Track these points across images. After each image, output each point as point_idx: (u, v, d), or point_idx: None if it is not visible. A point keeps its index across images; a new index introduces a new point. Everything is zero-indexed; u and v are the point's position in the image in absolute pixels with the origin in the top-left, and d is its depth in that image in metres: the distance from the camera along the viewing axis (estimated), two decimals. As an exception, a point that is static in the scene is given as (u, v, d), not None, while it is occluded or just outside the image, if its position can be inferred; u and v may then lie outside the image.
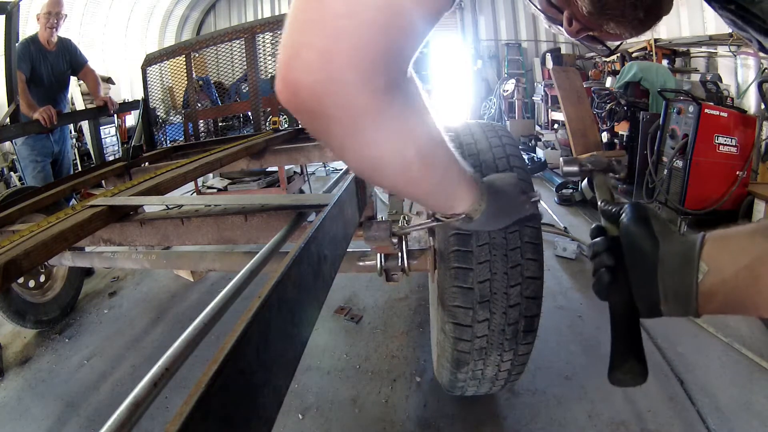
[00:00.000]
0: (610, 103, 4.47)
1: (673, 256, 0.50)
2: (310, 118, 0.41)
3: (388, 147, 0.45)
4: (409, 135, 0.46)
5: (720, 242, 0.48)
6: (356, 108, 0.39)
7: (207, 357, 0.40)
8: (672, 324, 2.11)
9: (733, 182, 3.14)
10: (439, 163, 0.52)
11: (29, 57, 2.89)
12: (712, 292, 0.47)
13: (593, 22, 0.58)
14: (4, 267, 0.91)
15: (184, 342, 0.59)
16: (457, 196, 0.59)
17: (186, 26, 9.10)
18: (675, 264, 0.49)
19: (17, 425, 1.75)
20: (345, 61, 0.37)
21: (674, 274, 0.49)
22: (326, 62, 0.37)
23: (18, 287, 2.29)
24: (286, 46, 0.39)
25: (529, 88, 8.05)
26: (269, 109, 3.01)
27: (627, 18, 0.55)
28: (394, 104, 0.42)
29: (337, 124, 0.41)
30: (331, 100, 0.38)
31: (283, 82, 0.39)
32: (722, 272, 0.46)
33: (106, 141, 5.25)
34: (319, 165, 5.97)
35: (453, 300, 1.16)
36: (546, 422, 1.59)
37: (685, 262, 0.49)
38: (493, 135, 1.32)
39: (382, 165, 0.47)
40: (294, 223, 1.11)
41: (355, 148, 0.44)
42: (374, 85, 0.39)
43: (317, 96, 0.38)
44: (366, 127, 0.42)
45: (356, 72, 0.37)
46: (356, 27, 0.36)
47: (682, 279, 0.49)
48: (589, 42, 0.65)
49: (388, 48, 0.39)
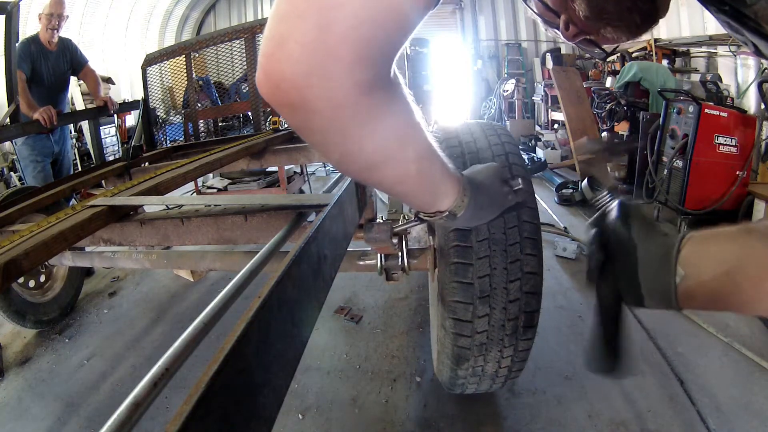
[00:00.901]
0: (610, 103, 4.48)
1: (652, 257, 0.52)
2: (292, 111, 0.40)
3: (371, 141, 0.44)
4: (392, 129, 0.45)
5: (700, 246, 0.50)
6: (339, 101, 0.39)
7: (207, 357, 0.40)
8: (672, 324, 2.11)
9: (733, 182, 3.14)
10: (422, 159, 0.51)
11: (30, 57, 2.89)
12: (691, 293, 0.49)
13: (590, 26, 0.58)
14: (4, 267, 0.91)
15: (184, 342, 0.58)
16: (440, 192, 0.57)
17: (186, 26, 9.10)
18: (654, 266, 0.52)
19: (17, 425, 1.75)
20: (329, 52, 0.36)
21: (653, 275, 0.52)
22: (310, 54, 0.36)
23: (18, 287, 2.29)
24: (269, 38, 0.38)
25: (529, 88, 8.05)
26: (269, 109, 3.01)
27: (624, 22, 0.56)
28: (377, 98, 0.41)
29: (319, 118, 0.40)
30: (313, 93, 0.38)
31: (264, 74, 0.38)
32: (701, 276, 0.48)
33: (106, 141, 5.25)
34: (319, 165, 5.98)
35: (453, 295, 1.16)
36: (546, 422, 1.59)
37: (662, 265, 0.51)
38: (492, 134, 1.33)
39: (363, 160, 0.46)
40: (294, 223, 1.11)
41: (337, 142, 0.43)
42: (358, 77, 0.38)
43: (299, 88, 0.37)
44: (348, 121, 0.41)
45: (340, 64, 0.37)
46: (342, 19, 0.36)
47: (661, 280, 0.51)
48: (585, 45, 0.65)
49: (374, 41, 0.38)
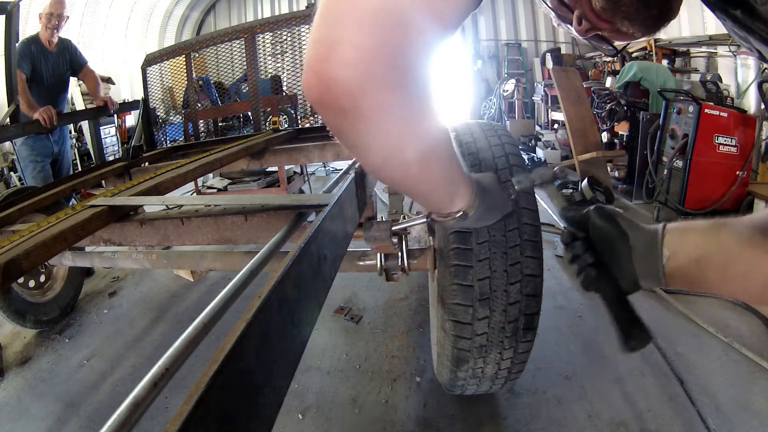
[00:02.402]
0: (610, 103, 4.48)
1: (641, 243, 0.61)
2: (340, 117, 0.40)
3: (414, 145, 0.46)
4: (433, 132, 0.47)
5: (679, 235, 0.59)
6: (392, 108, 0.40)
7: (207, 357, 0.40)
8: (672, 324, 2.12)
9: (733, 182, 3.14)
10: (452, 160, 0.54)
11: (30, 56, 2.89)
12: (673, 273, 0.58)
13: (605, 19, 0.57)
14: (4, 267, 0.91)
15: (184, 342, 0.58)
16: (459, 192, 0.61)
17: (186, 26, 9.10)
18: (643, 249, 0.60)
19: (17, 425, 1.75)
20: (386, 59, 0.37)
21: (644, 258, 0.60)
22: (367, 59, 0.36)
23: (18, 287, 2.29)
24: (320, 41, 0.38)
25: (529, 88, 8.05)
26: (269, 109, 3.01)
27: (641, 15, 0.55)
28: (422, 102, 0.43)
29: (366, 123, 0.41)
30: (366, 99, 0.38)
31: (316, 77, 0.38)
32: (678, 260, 0.58)
33: (106, 141, 5.25)
34: (319, 165, 5.97)
35: (453, 297, 1.16)
36: (546, 422, 1.59)
37: (650, 248, 0.59)
38: (492, 135, 1.33)
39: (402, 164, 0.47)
40: (294, 223, 1.11)
41: (381, 146, 0.44)
42: (407, 81, 0.39)
43: (353, 94, 0.38)
44: (397, 127, 0.42)
45: (397, 71, 0.38)
46: (394, 24, 0.36)
47: (650, 261, 0.59)
48: (597, 41, 0.66)
49: (421, 45, 0.39)
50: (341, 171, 1.56)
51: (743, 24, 0.45)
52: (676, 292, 2.32)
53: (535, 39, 8.57)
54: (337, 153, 2.52)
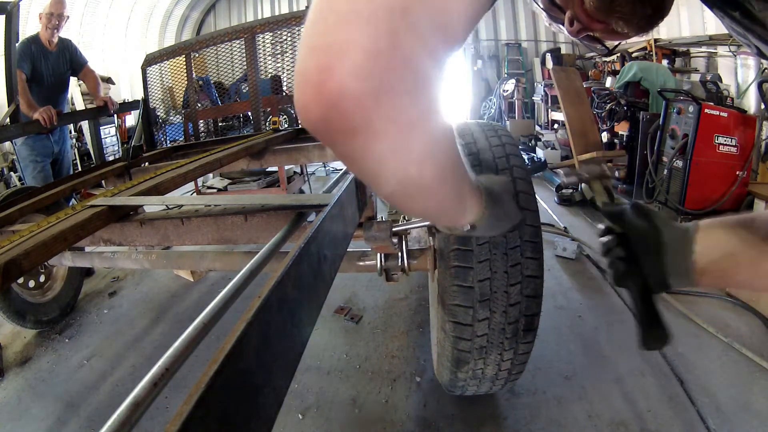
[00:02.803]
0: (610, 103, 4.47)
1: (674, 240, 0.61)
2: (349, 137, 0.33)
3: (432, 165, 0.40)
4: (451, 149, 0.42)
5: (709, 232, 0.60)
6: (409, 121, 0.33)
7: (207, 357, 0.40)
8: (672, 324, 2.11)
9: (733, 182, 3.14)
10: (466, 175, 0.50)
11: (30, 56, 2.89)
12: (704, 270, 0.58)
13: (599, 18, 0.57)
14: (4, 267, 0.91)
15: (184, 342, 0.58)
16: (468, 206, 0.57)
17: (186, 26, 9.10)
18: (676, 246, 0.60)
19: (17, 425, 1.75)
20: (405, 64, 0.31)
21: (676, 255, 0.60)
22: (382, 66, 0.30)
23: (18, 287, 2.29)
24: (318, 48, 0.31)
25: (529, 88, 8.04)
26: (269, 109, 3.01)
27: (636, 15, 0.55)
28: (439, 113, 0.37)
29: (380, 143, 0.34)
30: (382, 113, 0.31)
31: (317, 94, 0.31)
32: (711, 255, 0.58)
33: (106, 141, 5.25)
34: (319, 165, 5.97)
35: (453, 299, 1.16)
36: (546, 422, 1.59)
37: (683, 245, 0.60)
38: (492, 135, 1.33)
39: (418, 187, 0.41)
40: (294, 223, 1.11)
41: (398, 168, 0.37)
42: (427, 91, 0.34)
43: (366, 108, 0.31)
44: (416, 145, 0.36)
45: (419, 79, 0.32)
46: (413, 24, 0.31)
47: (682, 258, 0.60)
48: (588, 42, 0.65)
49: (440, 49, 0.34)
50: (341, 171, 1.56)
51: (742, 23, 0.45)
52: (676, 292, 2.32)
53: (535, 39, 8.56)
54: (337, 153, 2.52)
